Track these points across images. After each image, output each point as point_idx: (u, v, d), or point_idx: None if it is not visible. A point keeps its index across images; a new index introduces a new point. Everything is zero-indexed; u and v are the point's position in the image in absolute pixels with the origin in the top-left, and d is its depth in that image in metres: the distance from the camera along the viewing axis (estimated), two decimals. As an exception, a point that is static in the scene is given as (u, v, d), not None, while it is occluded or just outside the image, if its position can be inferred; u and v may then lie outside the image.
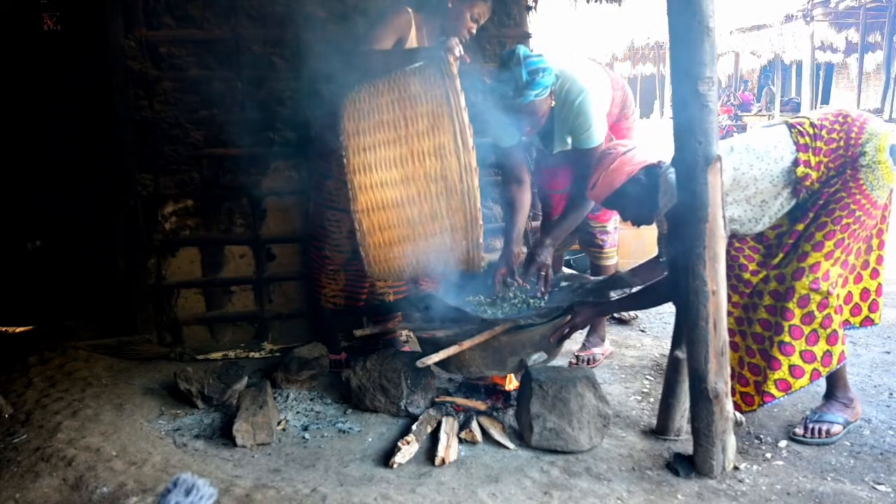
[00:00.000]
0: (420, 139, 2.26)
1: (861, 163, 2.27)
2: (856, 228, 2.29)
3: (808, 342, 2.31)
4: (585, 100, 2.67)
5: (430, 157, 2.26)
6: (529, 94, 2.54)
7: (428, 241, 2.35)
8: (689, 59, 2.00)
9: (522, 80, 2.51)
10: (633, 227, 2.65)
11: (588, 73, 2.80)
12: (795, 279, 2.28)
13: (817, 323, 2.30)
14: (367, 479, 2.19)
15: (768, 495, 2.07)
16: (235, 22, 3.31)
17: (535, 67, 2.53)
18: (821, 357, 2.33)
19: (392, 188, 2.29)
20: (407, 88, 2.33)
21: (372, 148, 2.29)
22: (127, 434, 2.43)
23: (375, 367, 2.68)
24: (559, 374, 2.42)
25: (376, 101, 2.35)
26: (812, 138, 2.32)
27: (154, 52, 3.28)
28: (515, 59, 2.52)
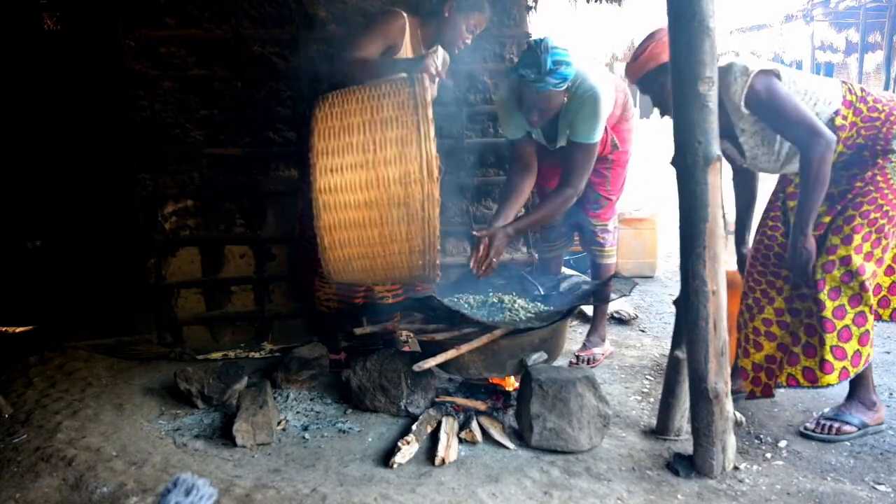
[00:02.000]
0: (387, 166, 2.31)
1: (893, 147, 2.26)
2: (884, 223, 2.28)
3: (841, 338, 2.29)
4: (595, 95, 2.69)
5: (395, 183, 2.31)
6: (549, 82, 2.57)
7: (386, 259, 2.44)
8: (689, 60, 2.00)
9: (546, 66, 2.55)
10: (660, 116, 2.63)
11: (598, 74, 2.83)
12: (826, 271, 2.28)
13: (850, 319, 2.28)
14: (367, 479, 2.19)
15: (768, 495, 2.07)
16: (235, 22, 3.31)
17: (560, 59, 2.57)
18: (851, 355, 2.30)
19: (355, 210, 2.34)
20: (379, 111, 2.36)
21: (339, 170, 2.33)
22: (127, 434, 2.43)
23: (375, 367, 2.68)
24: (559, 374, 2.42)
25: (347, 120, 2.37)
26: (858, 99, 2.33)
27: (154, 52, 3.28)
28: (544, 47, 2.57)
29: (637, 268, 4.76)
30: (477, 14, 2.73)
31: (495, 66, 3.69)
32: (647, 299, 4.29)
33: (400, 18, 2.72)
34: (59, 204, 3.84)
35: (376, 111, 2.36)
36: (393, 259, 2.44)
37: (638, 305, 4.13)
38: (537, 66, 2.56)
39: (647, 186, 7.45)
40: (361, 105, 2.39)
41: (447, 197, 3.78)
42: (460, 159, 3.73)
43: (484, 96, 3.71)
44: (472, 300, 2.83)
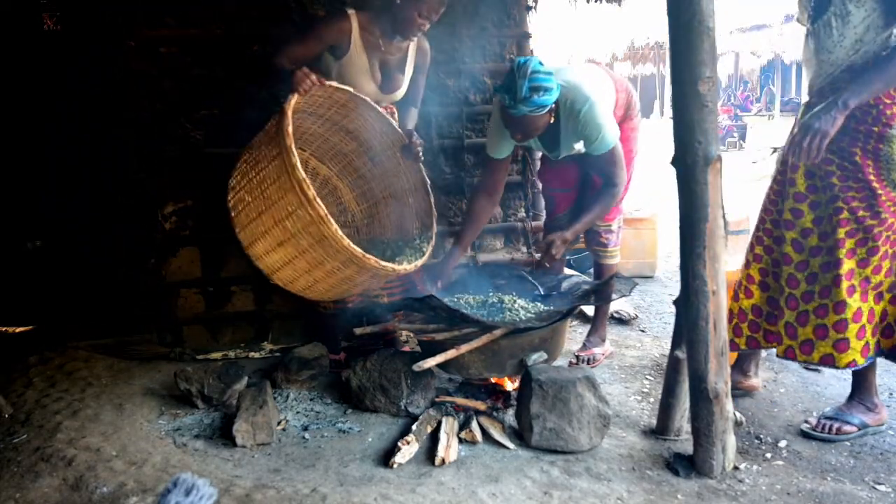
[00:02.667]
0: (276, 203, 2.44)
1: (890, 132, 2.14)
2: (881, 231, 2.22)
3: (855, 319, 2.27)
4: (591, 109, 2.68)
5: (289, 217, 2.42)
6: (523, 109, 2.56)
7: (333, 276, 2.54)
8: (689, 59, 2.00)
9: (521, 93, 2.52)
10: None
11: (592, 80, 2.82)
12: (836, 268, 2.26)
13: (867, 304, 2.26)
14: (367, 479, 2.19)
15: (768, 495, 2.07)
16: (235, 22, 3.31)
17: (538, 85, 2.53)
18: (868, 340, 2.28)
19: (278, 252, 2.52)
20: (265, 161, 2.50)
21: (260, 237, 2.53)
22: (127, 434, 2.43)
23: (375, 367, 2.68)
24: (559, 374, 2.42)
25: (255, 192, 2.53)
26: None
27: (154, 52, 3.28)
28: (522, 71, 2.53)
29: (637, 268, 4.76)
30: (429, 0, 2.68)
31: (495, 66, 3.69)
32: (647, 299, 4.29)
33: (343, 20, 2.71)
34: (59, 204, 3.83)
35: (263, 164, 2.51)
36: (338, 274, 2.53)
37: (638, 305, 4.13)
38: (513, 92, 2.54)
39: (647, 186, 7.45)
40: (256, 169, 2.55)
41: (447, 197, 3.79)
42: (460, 159, 3.74)
43: (484, 96, 3.72)
44: (472, 300, 2.83)
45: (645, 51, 18.01)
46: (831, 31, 2.21)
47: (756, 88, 18.82)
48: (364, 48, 2.75)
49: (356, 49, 2.74)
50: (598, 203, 2.90)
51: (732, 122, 14.31)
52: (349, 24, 2.71)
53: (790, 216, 2.39)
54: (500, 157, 2.98)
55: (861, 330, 2.28)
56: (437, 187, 3.76)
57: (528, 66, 2.54)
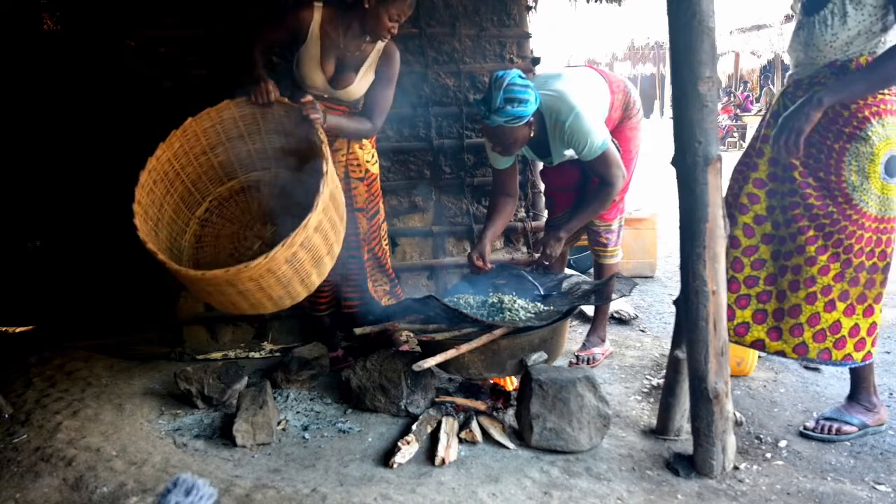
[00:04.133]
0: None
1: (865, 134, 2.15)
2: (850, 244, 2.23)
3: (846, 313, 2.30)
4: (576, 119, 2.70)
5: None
6: (497, 119, 2.62)
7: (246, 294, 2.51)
8: (689, 59, 2.00)
9: (495, 104, 2.60)
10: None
11: (580, 86, 2.82)
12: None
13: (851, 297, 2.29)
14: (367, 479, 2.19)
15: (768, 495, 2.07)
16: (235, 22, 3.31)
17: (513, 96, 2.59)
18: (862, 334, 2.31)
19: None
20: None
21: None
22: (127, 434, 2.43)
23: (375, 367, 2.68)
24: (559, 374, 2.42)
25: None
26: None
27: (154, 52, 3.28)
28: (499, 83, 2.61)
29: (637, 268, 4.76)
30: (399, 3, 2.69)
31: (495, 66, 3.69)
32: (647, 299, 4.29)
33: (305, 10, 2.76)
34: (59, 204, 3.83)
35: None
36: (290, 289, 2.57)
37: (638, 305, 4.13)
38: (488, 103, 2.61)
39: (647, 186, 7.45)
40: None
41: (447, 196, 3.79)
42: (460, 159, 3.74)
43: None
44: (472, 300, 2.83)
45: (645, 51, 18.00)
46: (826, 28, 2.21)
47: (756, 88, 18.81)
48: (320, 40, 2.79)
49: (312, 39, 2.78)
50: (593, 201, 2.93)
51: (732, 122, 14.31)
52: (311, 15, 2.77)
53: (746, 200, 2.43)
54: (502, 167, 3.03)
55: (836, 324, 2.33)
56: (437, 187, 3.77)
57: (504, 78, 2.61)
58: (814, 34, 2.24)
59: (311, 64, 2.81)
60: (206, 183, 3.00)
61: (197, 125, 2.83)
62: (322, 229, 2.50)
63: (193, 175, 2.94)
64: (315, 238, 2.47)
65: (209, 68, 3.33)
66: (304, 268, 2.52)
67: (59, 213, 3.84)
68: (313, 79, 2.83)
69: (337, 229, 2.65)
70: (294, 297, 2.61)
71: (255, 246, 3.05)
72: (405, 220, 3.81)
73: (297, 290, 2.58)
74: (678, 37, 2.02)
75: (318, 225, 2.44)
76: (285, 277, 2.47)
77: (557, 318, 2.63)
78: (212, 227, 3.05)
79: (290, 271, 2.46)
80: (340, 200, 2.71)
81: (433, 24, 3.61)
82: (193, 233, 3.01)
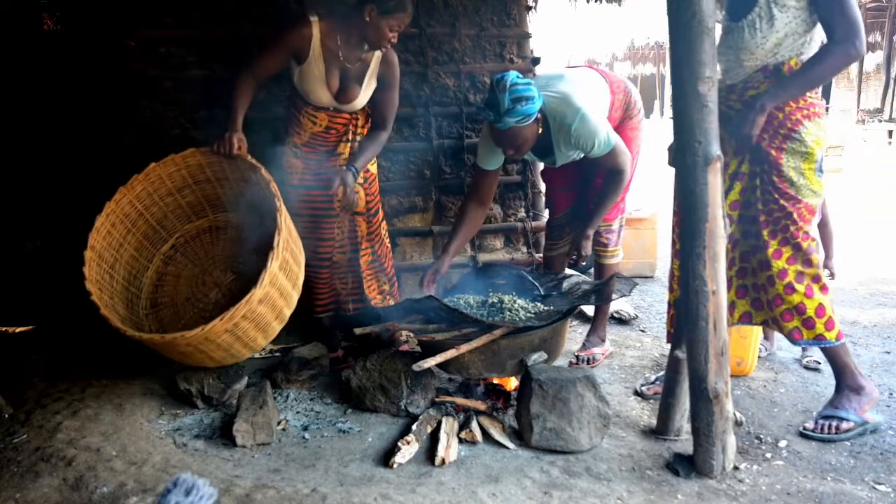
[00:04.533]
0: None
1: (798, 135, 2.29)
2: (796, 230, 2.34)
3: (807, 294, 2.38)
4: (582, 121, 2.70)
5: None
6: (509, 121, 2.61)
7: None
8: (689, 60, 2.00)
9: (504, 106, 2.58)
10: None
11: (582, 86, 2.82)
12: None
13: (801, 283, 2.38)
14: (367, 479, 2.19)
15: (768, 495, 2.07)
16: (235, 22, 3.31)
17: (520, 95, 2.59)
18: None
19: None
20: None
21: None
22: (127, 434, 2.43)
23: (375, 367, 2.68)
24: (559, 374, 2.42)
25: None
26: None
27: (154, 52, 3.28)
28: (502, 86, 2.60)
29: (637, 268, 4.76)
30: (399, 14, 2.70)
31: (495, 66, 3.69)
32: (647, 299, 4.29)
33: (304, 27, 2.73)
34: (59, 204, 3.83)
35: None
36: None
37: (638, 305, 4.13)
38: (496, 107, 2.60)
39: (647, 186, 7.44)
40: None
41: (447, 197, 3.80)
42: (460, 159, 3.74)
43: (484, 96, 3.72)
44: (472, 300, 2.83)
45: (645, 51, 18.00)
46: (755, 31, 2.28)
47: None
48: (323, 56, 2.77)
49: (315, 56, 2.76)
50: (609, 192, 2.93)
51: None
52: (310, 31, 2.74)
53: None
54: (491, 168, 3.02)
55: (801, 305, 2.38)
56: (437, 187, 3.77)
57: (506, 79, 2.61)
58: (744, 38, 2.32)
59: (316, 83, 2.80)
60: (173, 221, 3.08)
61: (161, 169, 2.88)
62: (269, 300, 2.54)
63: (159, 214, 3.02)
64: (260, 308, 2.52)
65: (209, 68, 3.33)
66: (247, 335, 2.57)
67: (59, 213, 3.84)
68: (319, 97, 2.83)
69: (288, 295, 2.68)
70: (237, 356, 2.68)
71: (210, 293, 3.16)
72: (405, 220, 3.81)
73: (241, 351, 2.66)
74: (678, 37, 2.03)
75: (263, 297, 2.49)
76: (226, 343, 2.54)
77: (557, 318, 2.63)
78: (174, 266, 3.13)
79: (231, 338, 2.53)
80: (297, 261, 2.74)
81: (433, 24, 3.61)
82: (156, 269, 3.10)
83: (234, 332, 2.49)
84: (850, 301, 4.20)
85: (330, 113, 2.89)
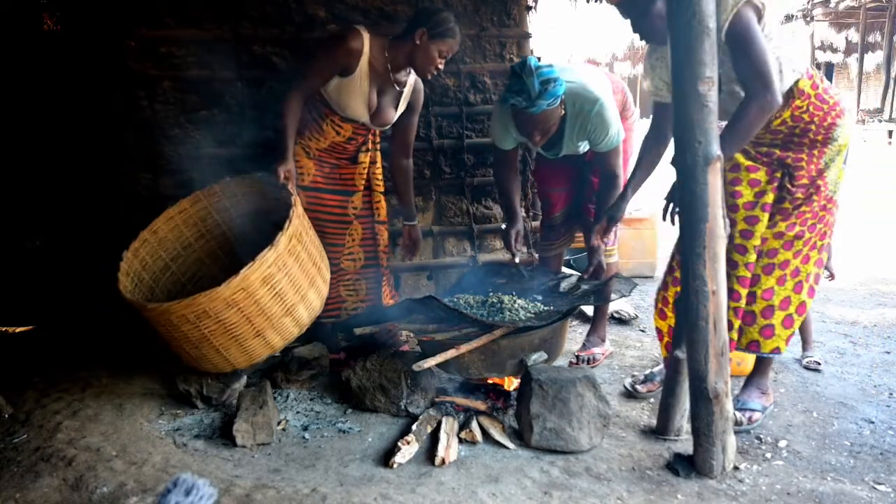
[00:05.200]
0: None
1: (832, 135, 2.34)
2: (809, 217, 2.39)
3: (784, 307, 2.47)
4: (601, 110, 2.72)
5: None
6: (542, 104, 2.60)
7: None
8: (689, 60, 2.00)
9: (535, 90, 2.57)
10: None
11: (596, 79, 2.84)
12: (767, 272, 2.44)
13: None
14: (367, 479, 2.19)
15: (768, 495, 2.07)
16: (235, 22, 3.31)
17: (547, 78, 2.59)
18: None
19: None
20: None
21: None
22: (127, 434, 2.43)
23: (375, 367, 2.68)
24: (559, 374, 2.42)
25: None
26: (819, 79, 2.37)
27: (154, 52, 3.28)
28: (528, 70, 2.58)
29: (637, 268, 4.76)
30: (450, 40, 2.68)
31: (495, 66, 3.69)
32: (647, 299, 4.29)
33: (356, 40, 2.66)
34: (59, 204, 3.83)
35: None
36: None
37: (638, 305, 4.13)
38: (527, 92, 2.58)
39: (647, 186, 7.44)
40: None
41: (447, 197, 3.79)
42: (460, 159, 3.74)
43: (484, 96, 3.72)
44: (472, 300, 2.83)
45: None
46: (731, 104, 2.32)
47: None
48: (368, 73, 2.73)
49: (361, 74, 2.71)
50: (605, 199, 2.97)
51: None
52: (361, 45, 2.67)
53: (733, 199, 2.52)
54: (509, 148, 3.02)
55: (788, 318, 2.45)
56: (437, 187, 3.77)
57: (529, 64, 2.60)
58: (727, 104, 2.32)
59: (356, 99, 2.76)
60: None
61: (236, 186, 3.01)
62: (278, 275, 2.48)
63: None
64: (265, 290, 2.45)
65: (209, 68, 3.33)
66: (254, 319, 2.49)
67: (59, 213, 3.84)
68: (356, 112, 2.80)
69: (301, 288, 2.60)
70: (248, 352, 2.60)
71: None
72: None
73: (252, 345, 2.58)
74: (678, 37, 2.03)
75: (267, 276, 2.44)
76: (233, 323, 2.47)
77: (557, 318, 2.63)
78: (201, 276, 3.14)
79: (238, 316, 2.46)
80: (317, 264, 2.70)
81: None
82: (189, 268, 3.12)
83: (240, 307, 2.43)
84: (850, 301, 4.20)
85: (356, 126, 2.87)
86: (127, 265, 2.76)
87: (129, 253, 2.78)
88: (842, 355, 3.30)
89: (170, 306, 2.43)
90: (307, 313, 2.66)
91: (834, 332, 3.67)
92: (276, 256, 2.44)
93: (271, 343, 2.60)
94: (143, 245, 2.87)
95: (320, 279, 2.72)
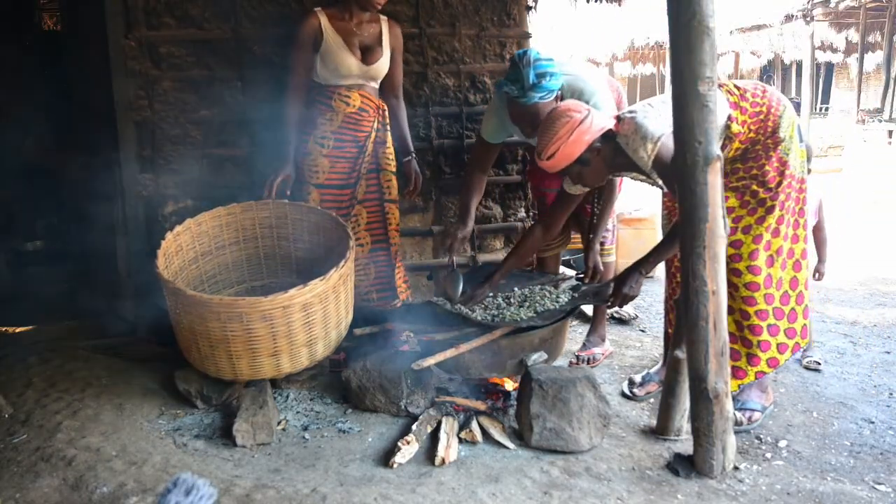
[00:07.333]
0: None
1: (780, 135, 2.41)
2: (784, 201, 2.43)
3: (790, 319, 2.47)
4: (598, 103, 2.70)
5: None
6: (534, 96, 2.59)
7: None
8: (689, 59, 2.00)
9: (529, 81, 2.57)
10: (581, 187, 2.70)
11: (592, 74, 2.85)
12: (733, 262, 2.44)
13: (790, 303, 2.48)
14: (367, 479, 2.19)
15: (768, 495, 2.07)
16: (235, 22, 3.31)
17: (544, 71, 2.59)
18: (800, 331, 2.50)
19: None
20: None
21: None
22: (127, 434, 2.43)
23: (375, 367, 2.68)
24: (559, 374, 2.42)
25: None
26: (740, 98, 2.41)
27: (154, 52, 3.27)
28: (526, 61, 2.59)
29: (637, 268, 4.75)
30: None
31: (495, 66, 3.69)
32: (647, 299, 4.29)
33: (312, 18, 2.95)
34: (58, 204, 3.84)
35: None
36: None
37: (638, 305, 4.13)
38: (520, 82, 2.59)
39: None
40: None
41: (447, 197, 3.79)
42: (460, 159, 3.73)
43: (484, 96, 3.72)
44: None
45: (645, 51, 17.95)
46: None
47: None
48: (337, 32, 2.95)
49: (329, 35, 2.94)
50: (604, 204, 3.03)
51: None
52: (317, 19, 2.94)
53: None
54: (496, 141, 3.03)
55: (772, 328, 2.47)
56: (437, 187, 3.77)
57: (529, 55, 2.61)
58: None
59: (340, 52, 2.94)
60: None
61: (292, 211, 3.08)
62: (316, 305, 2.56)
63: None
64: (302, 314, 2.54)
65: (209, 68, 3.33)
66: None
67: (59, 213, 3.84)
68: (348, 65, 2.96)
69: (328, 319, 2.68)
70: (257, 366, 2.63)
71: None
72: (405, 220, 3.80)
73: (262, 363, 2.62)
74: (678, 37, 2.03)
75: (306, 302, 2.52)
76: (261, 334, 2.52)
77: (557, 319, 2.63)
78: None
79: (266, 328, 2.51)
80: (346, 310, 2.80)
81: (433, 24, 3.61)
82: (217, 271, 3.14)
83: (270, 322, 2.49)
84: (850, 301, 4.21)
85: (361, 92, 3.02)
86: (167, 245, 2.79)
87: (170, 235, 2.82)
88: (842, 355, 3.30)
89: (210, 298, 2.50)
90: (322, 351, 2.74)
91: (834, 332, 3.67)
92: (323, 288, 2.54)
93: (280, 367, 2.64)
94: (185, 231, 2.91)
95: (343, 324, 2.81)
